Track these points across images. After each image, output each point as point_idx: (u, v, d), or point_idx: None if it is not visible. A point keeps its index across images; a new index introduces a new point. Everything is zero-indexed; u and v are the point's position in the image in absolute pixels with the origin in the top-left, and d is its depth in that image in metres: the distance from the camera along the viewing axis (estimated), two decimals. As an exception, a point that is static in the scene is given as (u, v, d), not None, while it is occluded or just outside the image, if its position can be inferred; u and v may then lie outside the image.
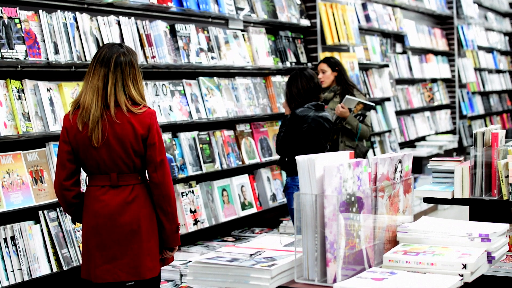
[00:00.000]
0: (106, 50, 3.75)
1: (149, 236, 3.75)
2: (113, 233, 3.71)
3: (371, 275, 2.37)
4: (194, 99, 5.94)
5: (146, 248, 3.73)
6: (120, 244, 3.71)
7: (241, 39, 6.59)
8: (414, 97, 10.38)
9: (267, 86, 6.94)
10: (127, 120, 3.68)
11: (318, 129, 5.38)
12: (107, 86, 3.67)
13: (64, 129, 3.75)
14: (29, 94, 4.51)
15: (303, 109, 5.43)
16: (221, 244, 6.11)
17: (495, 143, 3.96)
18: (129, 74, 3.72)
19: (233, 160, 6.33)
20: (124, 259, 3.71)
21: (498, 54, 14.19)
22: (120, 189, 3.73)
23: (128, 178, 3.74)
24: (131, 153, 3.70)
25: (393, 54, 9.78)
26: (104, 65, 3.70)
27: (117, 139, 3.67)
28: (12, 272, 4.28)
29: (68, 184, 3.76)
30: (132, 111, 3.69)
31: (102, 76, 3.68)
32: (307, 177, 2.33)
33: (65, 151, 3.74)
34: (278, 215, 7.20)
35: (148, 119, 3.73)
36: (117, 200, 3.71)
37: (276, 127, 7.05)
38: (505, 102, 14.54)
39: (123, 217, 3.70)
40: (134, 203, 3.72)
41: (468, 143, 11.93)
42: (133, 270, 3.72)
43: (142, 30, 5.40)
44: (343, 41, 7.75)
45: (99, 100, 3.66)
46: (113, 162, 3.70)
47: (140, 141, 3.71)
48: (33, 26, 4.55)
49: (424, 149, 10.19)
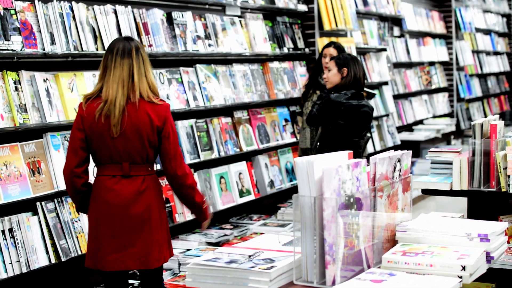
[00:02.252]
0: (122, 43, 3.87)
1: (158, 226, 3.84)
2: (124, 222, 3.79)
3: (370, 276, 2.37)
4: (192, 87, 5.92)
5: (155, 238, 3.82)
6: (130, 233, 3.79)
7: (238, 26, 6.56)
8: (411, 81, 10.36)
9: (264, 72, 6.91)
10: (145, 111, 3.78)
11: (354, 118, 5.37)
12: (133, 76, 3.80)
13: (79, 117, 3.83)
14: (25, 85, 4.49)
15: (338, 94, 5.40)
16: (219, 232, 6.11)
17: (494, 135, 3.95)
18: (148, 64, 3.88)
19: (231, 148, 6.32)
20: (134, 248, 3.79)
21: (496, 36, 14.15)
22: (132, 179, 3.81)
23: (139, 168, 3.83)
24: (146, 144, 3.80)
25: (390, 38, 9.75)
26: (127, 56, 3.81)
27: (134, 130, 3.78)
28: (10, 264, 4.28)
29: (79, 171, 3.83)
30: (152, 102, 3.81)
31: (127, 66, 3.80)
32: (305, 179, 2.32)
33: (79, 138, 3.82)
34: (276, 201, 7.21)
35: (164, 111, 3.84)
36: (129, 190, 3.80)
37: (274, 113, 7.04)
38: (502, 84, 14.52)
39: (135, 206, 3.79)
40: (146, 193, 3.82)
41: (465, 126, 11.94)
42: (142, 259, 3.80)
43: (139, 18, 5.37)
44: (340, 26, 7.71)
45: (124, 91, 3.77)
46: (127, 152, 3.79)
47: (156, 132, 3.81)
48: (29, 17, 4.52)
49: (421, 132, 10.19)
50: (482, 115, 13.03)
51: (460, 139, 11.88)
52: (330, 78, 5.55)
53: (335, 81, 5.53)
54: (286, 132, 7.11)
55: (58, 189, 4.62)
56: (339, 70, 5.49)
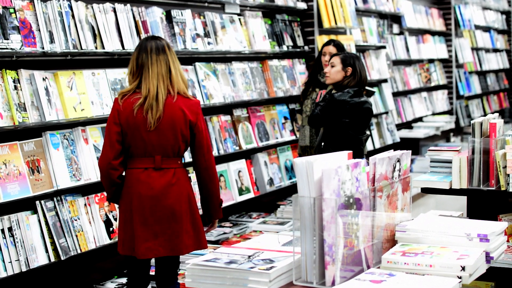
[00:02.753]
0: (154, 42, 4.07)
1: (187, 216, 4.06)
2: (156, 212, 3.99)
3: (369, 277, 2.37)
4: (191, 85, 5.92)
5: (185, 227, 4.04)
6: (162, 223, 4.00)
7: (237, 24, 6.55)
8: (411, 78, 10.36)
9: (264, 70, 6.90)
10: (179, 106, 3.99)
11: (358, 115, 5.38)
12: (171, 71, 4.02)
13: (116, 111, 4.01)
14: (24, 84, 4.48)
15: (341, 93, 5.39)
16: (219, 230, 6.12)
17: (493, 133, 3.95)
18: (178, 61, 4.10)
19: (230, 146, 6.32)
20: (165, 236, 4.00)
21: (495, 33, 14.14)
22: (163, 172, 4.01)
23: (170, 161, 4.03)
24: (179, 137, 4.01)
25: (390, 35, 9.74)
26: (162, 53, 4.02)
27: (169, 123, 3.98)
28: (10, 263, 4.28)
29: (116, 163, 4.01)
30: (187, 97, 4.04)
31: (164, 62, 4.01)
32: (305, 179, 2.32)
33: (115, 132, 4.00)
34: (275, 199, 7.21)
35: (196, 107, 4.07)
36: (161, 182, 3.99)
37: (273, 111, 7.04)
38: (502, 81, 14.51)
39: (167, 198, 3.99)
40: (176, 186, 4.02)
41: (465, 123, 11.93)
42: (173, 246, 4.02)
43: (138, 16, 5.37)
44: (340, 23, 7.70)
45: (164, 85, 3.98)
46: (160, 145, 3.99)
47: (188, 127, 4.03)
48: (28, 15, 4.51)
49: (421, 130, 10.19)
50: (481, 112, 13.03)
51: (460, 136, 11.88)
52: (332, 74, 5.52)
53: (337, 78, 5.50)
54: (286, 130, 7.11)
55: (57, 188, 4.62)
56: (344, 68, 5.47)
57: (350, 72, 5.46)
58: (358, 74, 5.45)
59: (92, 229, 4.85)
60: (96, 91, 4.96)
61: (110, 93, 5.07)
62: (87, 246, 4.79)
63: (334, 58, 5.57)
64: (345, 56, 5.53)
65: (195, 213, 4.13)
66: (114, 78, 5.15)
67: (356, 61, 5.49)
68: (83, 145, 4.87)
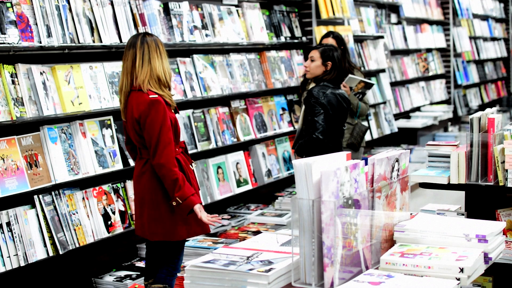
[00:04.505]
0: (132, 38, 4.28)
1: (153, 205, 4.24)
2: (134, 196, 4.41)
3: (368, 278, 2.37)
4: (189, 77, 5.91)
5: (152, 215, 4.25)
6: (137, 206, 4.35)
7: (235, 15, 6.53)
8: (409, 68, 10.35)
9: (261, 61, 6.89)
10: (131, 102, 4.17)
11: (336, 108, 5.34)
12: (135, 66, 4.18)
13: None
14: (22, 79, 4.47)
15: (319, 87, 5.35)
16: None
17: (492, 128, 3.94)
18: (154, 53, 4.21)
19: (228, 137, 6.32)
20: (139, 220, 4.33)
21: (493, 21, 14.12)
22: (141, 161, 4.31)
23: (144, 152, 4.27)
24: (135, 131, 4.21)
25: (388, 25, 9.73)
26: (132, 48, 4.21)
27: (128, 118, 4.22)
28: (8, 258, 4.28)
29: (128, 148, 4.50)
30: (141, 91, 4.14)
31: (131, 57, 4.19)
32: (304, 181, 2.31)
33: (123, 121, 4.36)
34: (273, 190, 7.21)
35: (143, 105, 4.12)
36: (136, 171, 4.33)
37: (271, 102, 7.03)
38: (500, 70, 14.51)
39: (137, 185, 4.31)
40: (145, 175, 4.24)
41: (463, 112, 11.94)
42: (144, 230, 4.31)
43: (136, 9, 5.35)
44: (338, 14, 7.69)
45: (128, 80, 4.19)
46: (133, 137, 4.26)
47: (136, 122, 4.17)
48: (25, 10, 4.50)
49: (419, 120, 10.19)
50: (479, 101, 13.02)
51: (457, 125, 11.89)
52: (312, 69, 5.46)
53: (317, 72, 5.45)
54: (284, 121, 7.11)
55: (55, 182, 4.62)
56: (324, 63, 5.44)
57: (331, 66, 5.41)
58: (338, 66, 5.42)
59: (90, 222, 4.85)
60: (93, 85, 4.95)
61: (108, 87, 5.06)
62: (85, 240, 4.79)
63: (313, 52, 5.50)
64: (323, 50, 5.46)
65: (162, 204, 4.23)
66: (111, 71, 5.14)
67: (335, 53, 5.44)
68: (81, 139, 4.86)
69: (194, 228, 4.30)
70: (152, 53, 4.19)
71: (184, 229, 4.26)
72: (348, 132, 6.27)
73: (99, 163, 4.96)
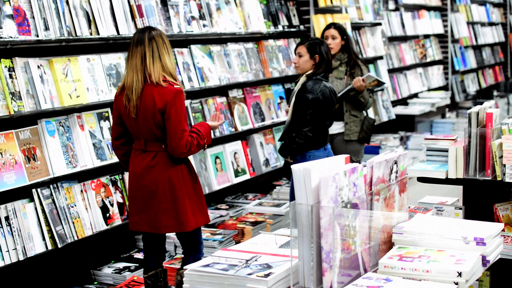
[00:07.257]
0: (138, 34, 4.34)
1: (166, 198, 4.33)
2: (139, 190, 4.39)
3: (366, 282, 2.38)
4: (186, 68, 5.90)
5: (163, 208, 4.34)
6: (143, 201, 4.38)
7: (232, 5, 6.51)
8: (406, 54, 10.33)
9: (259, 50, 6.88)
10: (151, 95, 4.24)
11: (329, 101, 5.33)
12: (146, 63, 4.27)
13: (114, 98, 4.46)
14: (19, 72, 4.46)
15: (313, 81, 5.32)
16: (215, 212, 6.13)
17: (490, 123, 3.94)
18: (163, 49, 4.32)
19: (226, 127, 6.31)
20: (146, 214, 4.38)
21: (491, 6, 14.08)
22: (146, 154, 4.36)
23: (154, 145, 4.35)
24: (152, 123, 4.28)
25: (385, 12, 9.69)
26: (140, 45, 4.29)
27: (143, 111, 4.26)
28: (7, 252, 4.29)
29: (117, 143, 4.51)
30: (161, 85, 4.25)
31: (140, 54, 4.27)
32: (302, 186, 2.32)
33: (115, 116, 4.46)
34: (271, 179, 7.22)
35: (167, 95, 4.24)
36: (142, 164, 4.36)
37: (269, 91, 7.02)
38: (497, 55, 14.48)
39: (145, 179, 4.35)
40: (155, 168, 4.33)
41: (460, 99, 11.93)
42: (153, 224, 4.38)
43: (133, 1, 5.33)
44: (335, 2, 7.67)
45: (139, 77, 4.27)
46: (141, 131, 4.33)
47: (159, 113, 4.25)
48: (22, 3, 4.47)
49: (416, 106, 10.19)
50: (477, 86, 13.01)
51: (455, 111, 11.88)
52: (302, 64, 5.40)
53: (306, 67, 5.40)
54: (281, 110, 7.11)
55: (53, 175, 4.62)
56: (312, 57, 5.41)
57: (319, 60, 5.38)
58: (326, 58, 5.39)
59: (88, 215, 4.86)
60: (91, 77, 4.94)
61: (106, 79, 5.05)
62: (84, 232, 4.80)
63: (300, 47, 5.45)
64: (310, 44, 5.41)
65: (177, 195, 4.34)
66: (109, 64, 5.13)
67: (322, 47, 5.40)
68: (78, 131, 4.86)
69: (199, 219, 4.45)
70: (161, 50, 4.31)
71: (193, 219, 4.40)
72: (358, 126, 6.27)
73: (97, 156, 4.96)
